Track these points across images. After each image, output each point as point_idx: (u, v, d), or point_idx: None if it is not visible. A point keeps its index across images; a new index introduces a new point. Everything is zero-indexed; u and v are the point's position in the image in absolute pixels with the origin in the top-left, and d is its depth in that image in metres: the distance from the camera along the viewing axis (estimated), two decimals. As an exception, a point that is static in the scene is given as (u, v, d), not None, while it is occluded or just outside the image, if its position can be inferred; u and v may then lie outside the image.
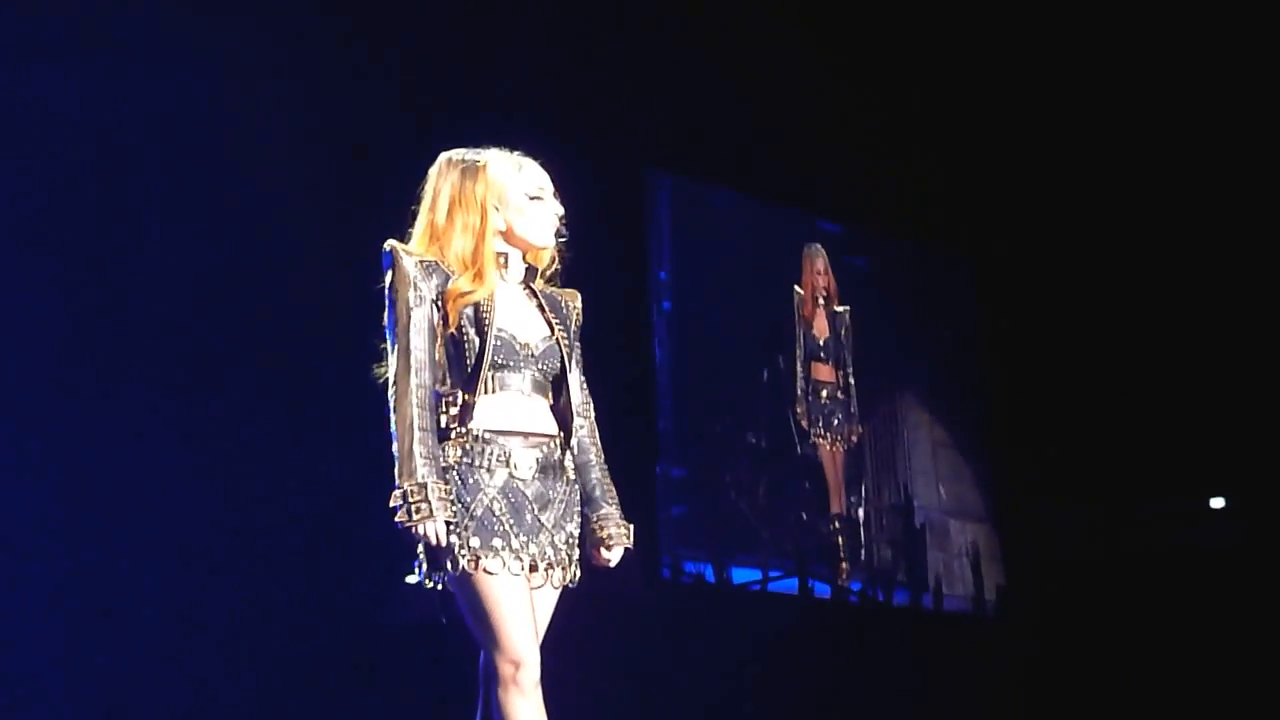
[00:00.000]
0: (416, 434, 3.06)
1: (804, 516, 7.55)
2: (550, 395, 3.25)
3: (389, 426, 3.11)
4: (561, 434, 3.24)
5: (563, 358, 3.25)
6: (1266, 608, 7.97)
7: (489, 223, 3.23)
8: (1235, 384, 8.21)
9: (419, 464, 3.04)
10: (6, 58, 5.02)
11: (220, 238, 5.39)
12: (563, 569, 3.20)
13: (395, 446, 3.08)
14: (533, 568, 3.13)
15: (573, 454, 3.26)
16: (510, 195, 3.25)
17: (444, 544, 3.05)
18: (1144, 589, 8.11)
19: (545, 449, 3.20)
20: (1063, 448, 8.30)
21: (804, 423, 7.61)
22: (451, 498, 3.06)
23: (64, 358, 5.04)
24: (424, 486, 3.02)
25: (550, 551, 3.16)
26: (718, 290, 7.49)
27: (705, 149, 7.22)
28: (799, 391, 7.66)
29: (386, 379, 3.16)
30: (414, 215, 3.30)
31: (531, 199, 3.27)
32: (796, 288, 7.81)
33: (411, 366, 3.11)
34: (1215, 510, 8.56)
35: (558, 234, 3.32)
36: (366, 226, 3.54)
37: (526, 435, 3.18)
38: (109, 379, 5.11)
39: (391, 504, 3.03)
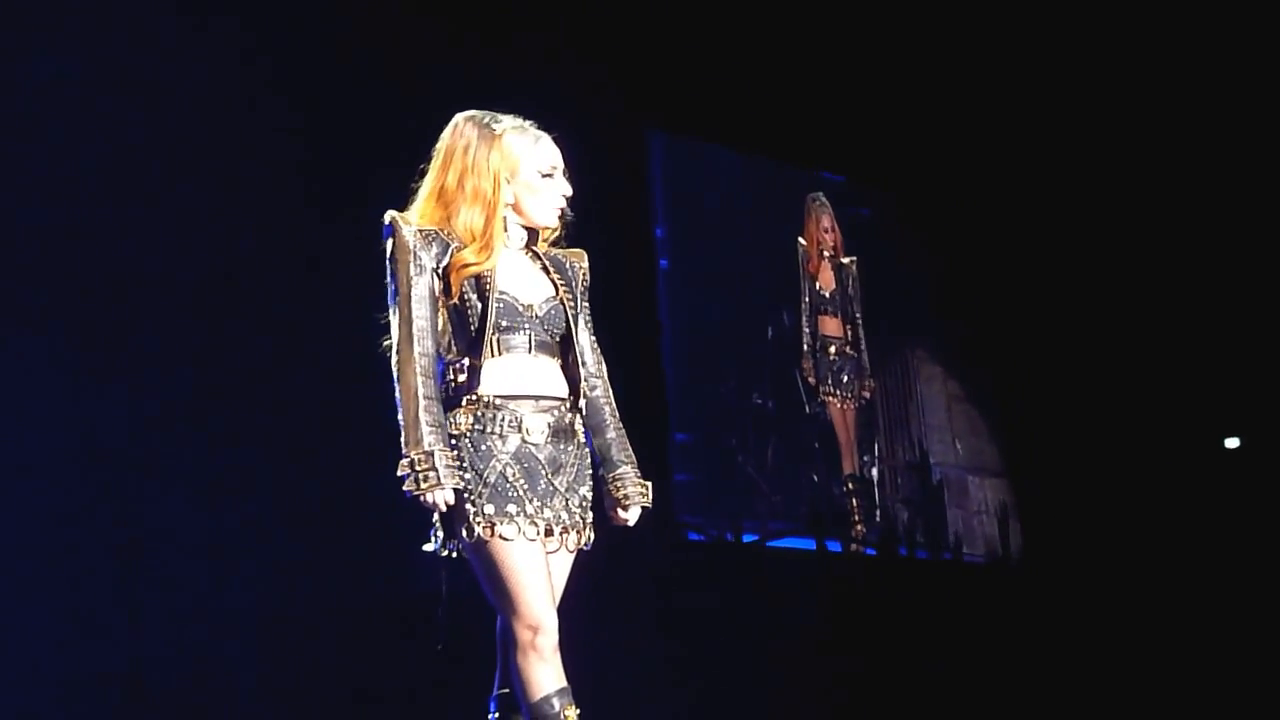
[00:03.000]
0: (421, 402, 3.18)
1: (815, 479, 7.54)
2: (558, 356, 3.36)
3: (394, 396, 3.22)
4: (571, 396, 3.35)
5: (568, 318, 3.36)
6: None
7: (500, 194, 3.34)
8: (1248, 321, 8.28)
9: (425, 431, 3.16)
10: (8, 51, 5.09)
11: (222, 217, 5.47)
12: (578, 533, 3.33)
13: (400, 415, 3.20)
14: (548, 532, 3.26)
15: (582, 416, 3.38)
16: (522, 170, 3.36)
17: (453, 511, 3.17)
18: (1161, 531, 8.17)
19: (556, 412, 3.32)
20: (1078, 395, 8.36)
21: (812, 380, 7.57)
22: (459, 464, 3.19)
23: (69, 345, 5.12)
24: (430, 454, 3.14)
25: (565, 515, 3.29)
26: (717, 246, 7.45)
27: (697, 103, 7.23)
28: (805, 348, 7.61)
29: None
30: (423, 172, 3.40)
31: (544, 176, 3.38)
32: (800, 240, 7.77)
33: (414, 335, 3.23)
34: (1230, 450, 8.64)
35: (562, 215, 3.43)
36: (369, 193, 3.62)
37: (537, 399, 3.30)
38: (115, 363, 5.19)
39: (399, 473, 3.16)
